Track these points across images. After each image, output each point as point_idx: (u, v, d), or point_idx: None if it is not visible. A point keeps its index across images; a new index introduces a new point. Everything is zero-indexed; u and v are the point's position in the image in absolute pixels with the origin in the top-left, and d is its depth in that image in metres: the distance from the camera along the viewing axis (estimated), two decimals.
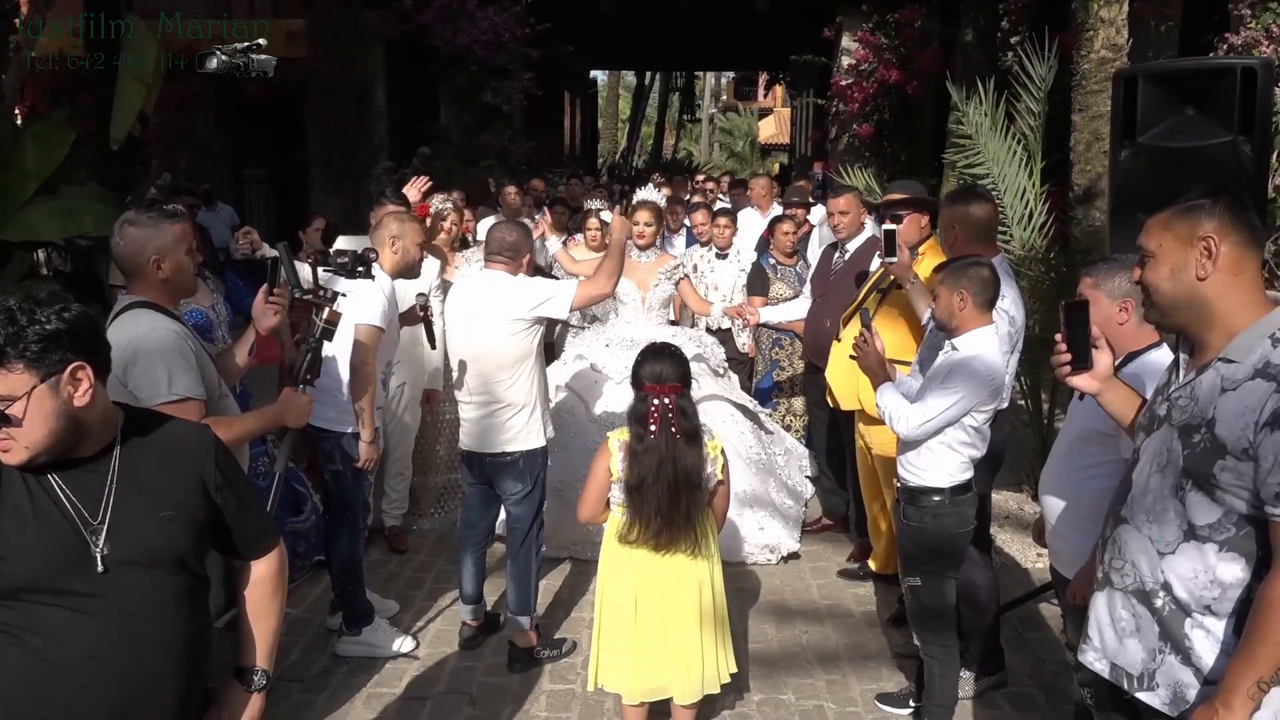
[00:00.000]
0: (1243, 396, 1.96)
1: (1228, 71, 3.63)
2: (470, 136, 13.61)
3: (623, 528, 3.24)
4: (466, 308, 4.07)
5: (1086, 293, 2.92)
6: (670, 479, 3.13)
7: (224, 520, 2.10)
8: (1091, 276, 2.93)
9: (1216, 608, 2.02)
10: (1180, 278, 2.08)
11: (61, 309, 1.86)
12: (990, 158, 5.94)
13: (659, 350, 3.29)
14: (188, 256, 3.04)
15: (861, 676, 4.10)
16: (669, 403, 3.16)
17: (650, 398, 3.17)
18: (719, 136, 42.12)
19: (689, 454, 3.17)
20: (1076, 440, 2.96)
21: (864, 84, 12.44)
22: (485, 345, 4.00)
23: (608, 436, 3.32)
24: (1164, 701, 2.09)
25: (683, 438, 3.16)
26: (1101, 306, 2.86)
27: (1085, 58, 6.56)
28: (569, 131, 27.48)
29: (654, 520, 3.15)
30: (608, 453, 3.26)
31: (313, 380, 3.16)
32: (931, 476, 3.38)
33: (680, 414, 3.17)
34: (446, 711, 3.83)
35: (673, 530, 3.17)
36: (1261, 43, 6.33)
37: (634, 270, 5.58)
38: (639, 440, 3.17)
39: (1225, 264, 2.03)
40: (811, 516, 5.72)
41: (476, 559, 4.27)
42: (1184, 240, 2.07)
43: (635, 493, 3.17)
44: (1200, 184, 2.13)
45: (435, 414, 5.56)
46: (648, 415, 3.16)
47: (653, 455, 3.14)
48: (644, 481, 3.15)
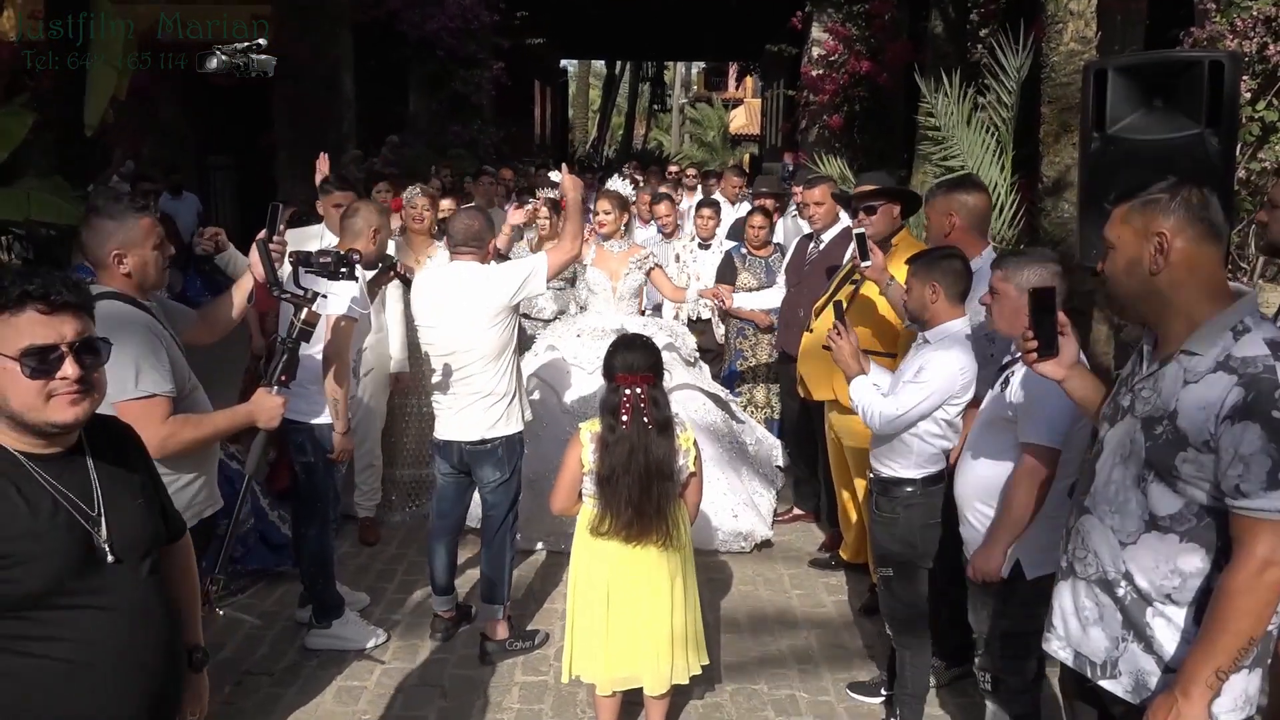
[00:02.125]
0: (1204, 389, 1.97)
1: (1196, 64, 3.66)
2: (439, 125, 13.50)
3: (594, 519, 3.24)
4: (439, 301, 4.01)
5: (997, 286, 2.95)
6: (642, 470, 3.13)
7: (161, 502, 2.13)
8: (1002, 270, 2.98)
9: (1177, 597, 2.04)
10: (1135, 271, 2.09)
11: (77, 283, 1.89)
12: (965, 150, 5.97)
13: (631, 341, 3.29)
14: (155, 251, 2.99)
15: (833, 665, 4.12)
16: (641, 393, 3.15)
17: (622, 388, 3.16)
18: (689, 127, 42.08)
19: (661, 445, 3.16)
20: (984, 425, 3.03)
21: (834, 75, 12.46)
22: (465, 339, 3.94)
23: (579, 428, 3.31)
24: (1126, 689, 2.12)
25: (654, 428, 3.15)
26: (1011, 300, 2.89)
27: (1054, 50, 6.59)
28: (539, 121, 27.33)
29: (625, 511, 3.15)
30: (579, 444, 3.25)
31: (288, 381, 3.09)
32: (903, 468, 3.39)
33: (652, 404, 3.16)
34: (418, 704, 3.80)
35: (644, 521, 3.16)
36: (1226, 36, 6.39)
37: (605, 260, 5.56)
38: (610, 431, 3.16)
39: (1179, 259, 2.04)
40: (782, 507, 5.74)
41: (449, 549, 4.24)
42: (1140, 234, 2.08)
43: (606, 484, 3.16)
44: (1165, 177, 2.14)
45: (402, 404, 5.52)
46: (619, 406, 3.15)
47: (624, 445, 3.13)
48: (615, 472, 3.14)
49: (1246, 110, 5.51)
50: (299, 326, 3.17)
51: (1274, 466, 1.89)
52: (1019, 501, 2.83)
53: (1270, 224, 3.14)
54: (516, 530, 4.25)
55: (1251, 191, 5.59)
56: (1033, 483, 2.81)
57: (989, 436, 3.00)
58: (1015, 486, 2.85)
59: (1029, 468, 2.81)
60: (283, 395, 3.05)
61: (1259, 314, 2.06)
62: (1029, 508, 2.83)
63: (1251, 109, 5.60)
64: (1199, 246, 2.04)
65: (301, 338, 3.19)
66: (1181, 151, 3.62)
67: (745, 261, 6.45)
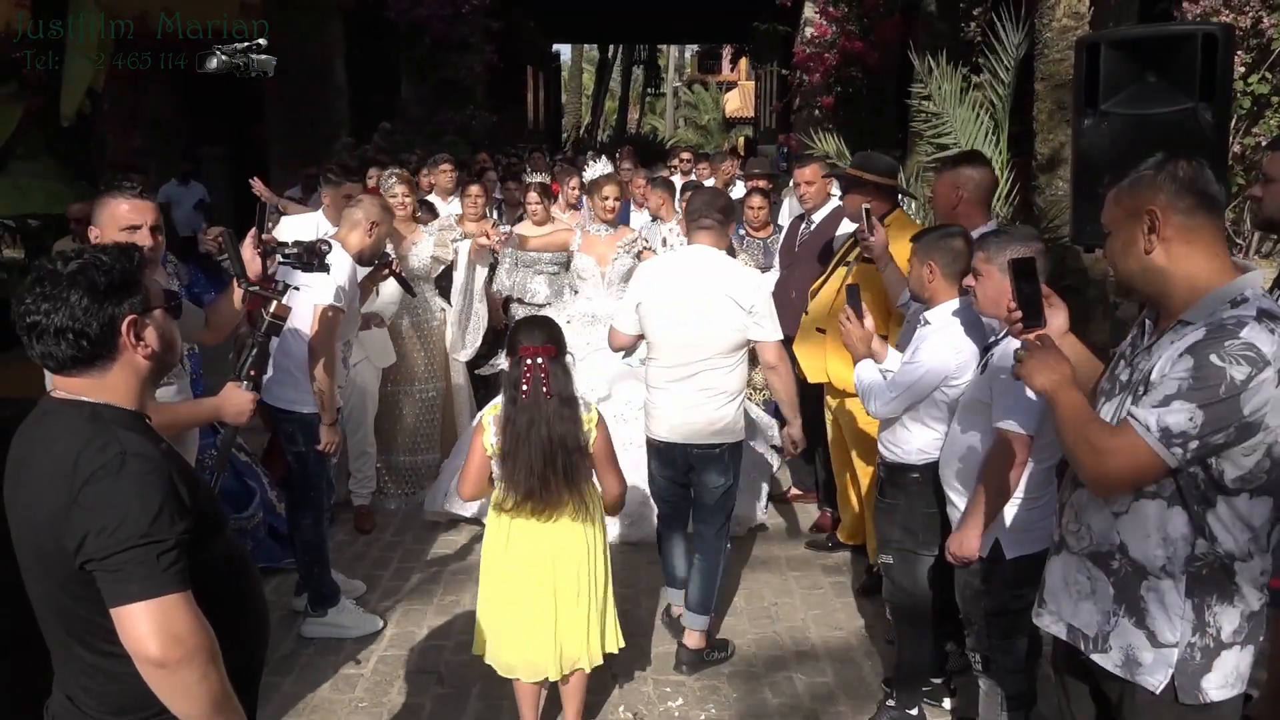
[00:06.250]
0: (1181, 344, 1.97)
1: (1189, 38, 3.63)
2: (431, 111, 13.43)
3: (498, 495, 3.21)
4: (680, 288, 3.76)
5: (979, 267, 2.92)
6: (544, 439, 3.09)
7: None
8: (984, 251, 2.94)
9: (1170, 569, 2.04)
10: (1132, 251, 2.08)
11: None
12: (958, 128, 5.94)
13: (533, 320, 3.33)
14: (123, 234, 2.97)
15: (830, 647, 4.12)
16: (541, 363, 3.12)
17: (524, 358, 3.13)
18: (684, 110, 41.94)
19: (563, 417, 3.12)
20: (964, 407, 3.04)
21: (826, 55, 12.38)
22: (708, 331, 3.72)
23: (480, 413, 3.28)
24: (1116, 664, 2.12)
25: (555, 400, 3.11)
26: (993, 281, 2.86)
27: (1047, 26, 6.56)
28: (532, 106, 27.20)
29: (527, 480, 3.09)
30: (482, 428, 3.22)
31: (258, 376, 3.03)
32: (906, 453, 3.36)
33: (552, 376, 3.12)
34: (415, 691, 3.80)
35: (548, 491, 3.11)
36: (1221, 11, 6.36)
37: (593, 245, 5.54)
38: (513, 403, 3.13)
39: (1174, 234, 2.02)
40: (779, 489, 5.73)
41: (685, 537, 4.09)
42: (1131, 214, 2.07)
43: (509, 457, 3.13)
44: (1155, 154, 2.12)
45: (395, 391, 5.51)
46: (521, 377, 3.12)
47: (525, 416, 3.10)
48: (517, 442, 3.10)
49: (1239, 84, 5.49)
50: (268, 320, 3.13)
51: (1176, 393, 1.92)
52: (990, 485, 2.86)
53: (1264, 198, 3.11)
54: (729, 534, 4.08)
55: (1245, 166, 5.57)
56: (1003, 466, 2.82)
57: (968, 419, 3.00)
58: (986, 469, 2.87)
59: (1000, 451, 2.82)
60: (252, 391, 2.98)
61: (1261, 290, 2.04)
62: (1001, 491, 2.85)
63: (1244, 83, 5.57)
64: (1192, 218, 2.02)
65: (271, 332, 3.15)
66: (1174, 126, 3.60)
67: (744, 243, 6.41)
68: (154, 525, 1.69)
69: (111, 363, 1.83)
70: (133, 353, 1.84)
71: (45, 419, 1.84)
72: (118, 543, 1.67)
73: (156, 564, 1.68)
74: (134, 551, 1.67)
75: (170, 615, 1.68)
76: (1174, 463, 1.95)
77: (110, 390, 1.83)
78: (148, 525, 1.69)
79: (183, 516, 1.74)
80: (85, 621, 1.77)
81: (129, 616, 1.68)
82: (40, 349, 1.80)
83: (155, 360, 1.88)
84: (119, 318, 1.81)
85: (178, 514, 1.73)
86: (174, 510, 1.73)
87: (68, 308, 1.77)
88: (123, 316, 1.81)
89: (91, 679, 1.81)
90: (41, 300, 1.77)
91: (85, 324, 1.78)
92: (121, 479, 1.70)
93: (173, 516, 1.72)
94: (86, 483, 1.69)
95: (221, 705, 1.76)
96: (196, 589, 1.75)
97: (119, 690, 1.79)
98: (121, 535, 1.67)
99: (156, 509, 1.70)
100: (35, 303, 1.78)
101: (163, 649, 1.67)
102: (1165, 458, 1.95)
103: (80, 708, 1.83)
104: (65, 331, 1.77)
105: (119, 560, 1.67)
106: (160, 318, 1.89)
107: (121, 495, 1.69)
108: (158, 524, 1.70)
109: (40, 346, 1.79)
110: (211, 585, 1.81)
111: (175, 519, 1.72)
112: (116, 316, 1.81)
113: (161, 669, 1.69)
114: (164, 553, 1.69)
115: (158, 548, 1.69)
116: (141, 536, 1.68)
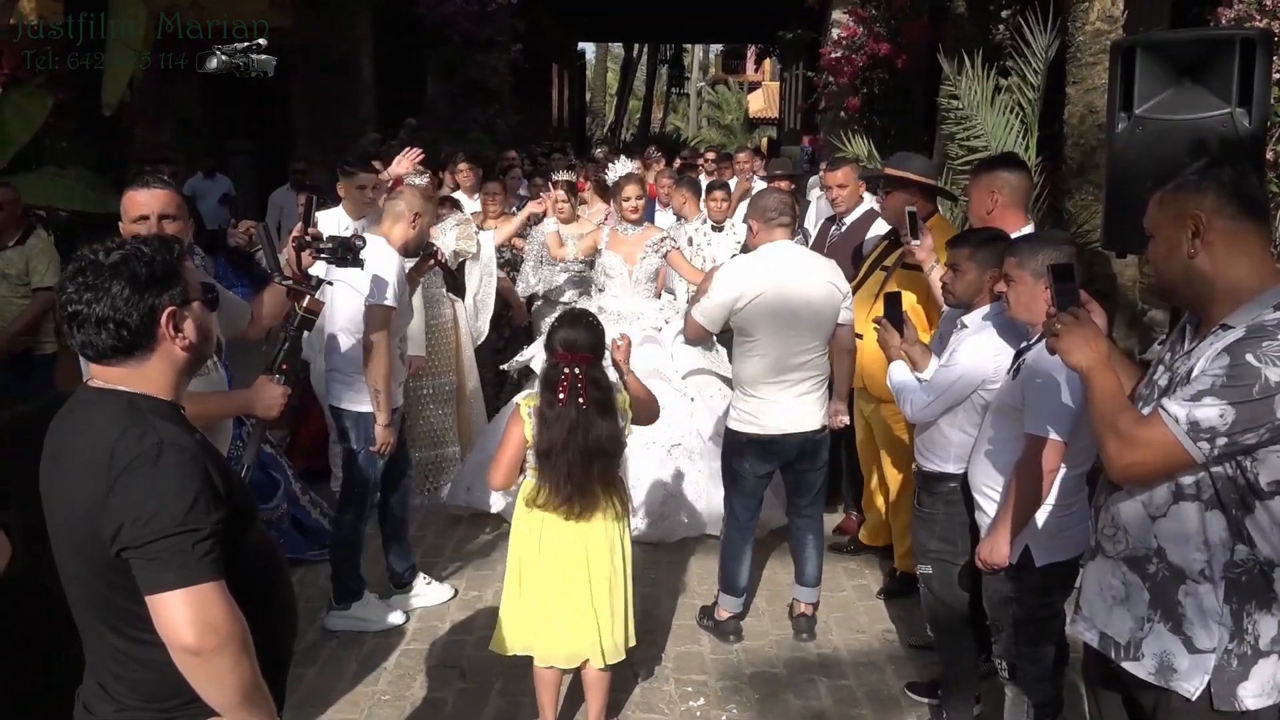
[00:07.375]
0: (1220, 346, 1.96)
1: (1226, 42, 3.60)
2: (457, 109, 13.48)
3: (531, 490, 3.21)
4: (785, 281, 3.88)
5: (1011, 272, 2.90)
6: (581, 448, 3.10)
7: None
8: (1015, 257, 2.91)
9: (1208, 572, 2.02)
10: (1175, 255, 2.07)
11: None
12: (988, 131, 5.90)
13: (576, 318, 3.26)
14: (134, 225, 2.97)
15: (853, 649, 4.10)
16: (579, 373, 3.12)
17: (561, 365, 3.13)
18: (708, 110, 41.88)
19: (601, 424, 3.13)
20: (994, 412, 3.01)
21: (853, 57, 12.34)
22: (819, 319, 3.92)
23: (517, 403, 3.28)
24: (1149, 671, 2.10)
25: (593, 409, 3.12)
26: (1026, 286, 2.84)
27: (1080, 29, 6.50)
28: (556, 105, 27.26)
29: (564, 487, 3.12)
30: (520, 420, 3.21)
31: (289, 370, 3.03)
32: (943, 462, 3.32)
33: (591, 384, 3.13)
34: (438, 684, 3.81)
35: (585, 497, 3.15)
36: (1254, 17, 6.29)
37: (620, 244, 5.54)
38: (549, 406, 3.13)
39: (1218, 240, 2.00)
40: None
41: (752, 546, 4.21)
42: (1175, 219, 2.06)
43: (545, 458, 3.14)
44: (1203, 159, 2.12)
45: (416, 387, 5.52)
46: (557, 383, 3.12)
47: (563, 423, 3.11)
48: (553, 448, 3.11)
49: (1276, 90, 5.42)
50: (300, 315, 3.14)
51: (1209, 389, 1.91)
52: (1022, 491, 2.83)
53: None
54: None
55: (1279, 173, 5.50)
56: (1035, 472, 2.80)
57: (999, 422, 2.96)
58: (1018, 475, 2.84)
59: (1032, 457, 2.79)
60: (283, 385, 2.97)
61: None
62: (1031, 498, 2.82)
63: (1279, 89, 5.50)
64: (1237, 224, 2.01)
65: (304, 326, 3.15)
66: (1210, 132, 3.57)
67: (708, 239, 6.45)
68: (190, 514, 1.70)
69: (150, 353, 1.84)
70: (171, 344, 1.85)
71: (82, 408, 1.86)
72: (154, 531, 1.68)
73: (192, 553, 1.70)
74: (170, 540, 1.69)
75: (205, 603, 1.70)
76: (1200, 458, 1.94)
77: (148, 380, 1.85)
78: (184, 514, 1.70)
79: (218, 506, 1.75)
80: (120, 609, 1.78)
81: (165, 604, 1.69)
82: (81, 338, 1.82)
83: (192, 351, 1.90)
84: (159, 309, 1.82)
85: (213, 504, 1.75)
86: (209, 500, 1.74)
87: (109, 298, 1.78)
88: (163, 308, 1.83)
89: (124, 666, 1.83)
90: (84, 290, 1.79)
91: (126, 314, 1.79)
92: (158, 468, 1.72)
93: (208, 506, 1.73)
94: (124, 472, 1.71)
95: (253, 694, 1.77)
96: (228, 580, 1.76)
97: (151, 678, 1.81)
98: (158, 524, 1.68)
99: (192, 498, 1.71)
100: (78, 292, 1.79)
101: (198, 637, 1.68)
102: (1192, 452, 1.93)
103: (112, 695, 1.85)
104: (106, 321, 1.79)
105: (155, 549, 1.68)
106: (198, 310, 1.91)
107: (158, 484, 1.71)
108: (193, 513, 1.71)
109: (81, 335, 1.81)
110: (242, 577, 1.82)
111: (210, 509, 1.74)
112: (157, 308, 1.82)
113: (196, 657, 1.70)
114: (199, 541, 1.71)
115: (193, 536, 1.70)
116: (177, 525, 1.69)
